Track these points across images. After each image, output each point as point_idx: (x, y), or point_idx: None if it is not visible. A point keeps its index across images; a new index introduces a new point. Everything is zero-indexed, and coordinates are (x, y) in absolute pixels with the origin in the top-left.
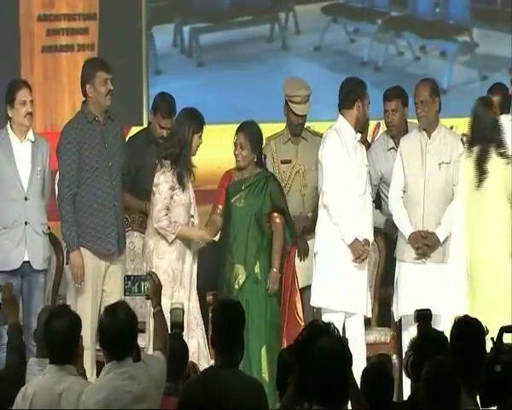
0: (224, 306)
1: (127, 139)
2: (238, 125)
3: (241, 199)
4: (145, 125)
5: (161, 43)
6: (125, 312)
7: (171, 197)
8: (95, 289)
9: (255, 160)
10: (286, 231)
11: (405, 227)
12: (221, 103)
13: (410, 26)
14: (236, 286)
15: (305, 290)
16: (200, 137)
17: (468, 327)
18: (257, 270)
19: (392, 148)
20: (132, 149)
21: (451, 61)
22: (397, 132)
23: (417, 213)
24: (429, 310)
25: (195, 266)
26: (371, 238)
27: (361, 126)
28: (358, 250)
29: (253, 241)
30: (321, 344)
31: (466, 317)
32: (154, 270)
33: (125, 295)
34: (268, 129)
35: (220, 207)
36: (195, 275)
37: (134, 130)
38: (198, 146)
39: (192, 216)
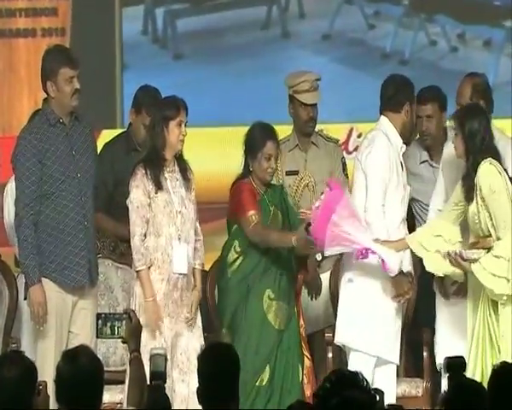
0: (212, 349)
1: (102, 147)
2: (269, 130)
3: (273, 219)
4: (119, 129)
5: (129, 30)
6: (89, 358)
7: (149, 205)
8: (59, 330)
9: None
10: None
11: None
12: (203, 106)
13: (446, 8)
14: (276, 326)
15: (317, 333)
16: (180, 125)
17: (510, 376)
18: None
19: (426, 161)
20: (109, 158)
21: (497, 52)
22: (433, 142)
23: None
24: (462, 357)
25: (190, 295)
26: (412, 271)
27: (407, 137)
28: (403, 286)
29: (290, 272)
30: (347, 398)
31: (506, 364)
32: (137, 307)
33: (97, 337)
34: None
35: (255, 212)
36: (190, 306)
37: (106, 134)
38: (179, 137)
39: (196, 234)
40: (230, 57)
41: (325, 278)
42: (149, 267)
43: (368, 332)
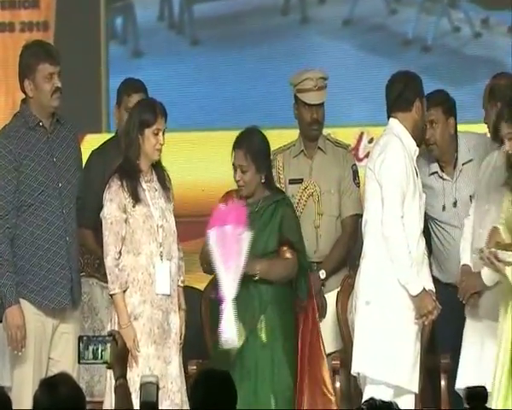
0: (207, 378)
1: (90, 154)
2: (236, 138)
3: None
4: (105, 133)
5: (145, 16)
6: (69, 387)
7: (126, 221)
8: (38, 356)
9: (263, 181)
10: (299, 281)
11: (463, 258)
12: (220, 96)
13: None
14: (234, 352)
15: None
16: (157, 133)
17: None
18: (261, 327)
19: (436, 172)
20: (99, 167)
21: None
22: (439, 153)
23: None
24: (484, 387)
25: (177, 317)
26: (434, 289)
27: (420, 135)
28: (427, 306)
29: (256, 294)
30: None
31: None
32: (115, 327)
33: (79, 362)
34: (285, 136)
35: None
36: (177, 328)
37: (90, 139)
38: (155, 146)
39: (179, 249)
40: (248, 43)
41: (331, 297)
42: (125, 291)
43: (388, 360)
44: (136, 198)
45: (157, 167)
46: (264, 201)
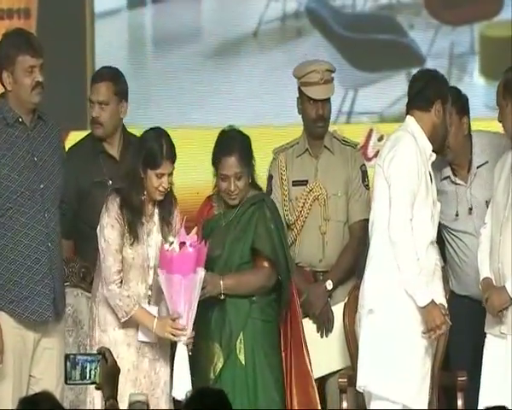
0: (201, 397)
1: (67, 152)
2: (222, 145)
3: (217, 243)
4: (89, 129)
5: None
6: (50, 407)
7: (121, 251)
8: (18, 374)
9: (250, 181)
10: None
11: (483, 270)
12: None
13: None
14: (212, 375)
15: (330, 377)
16: (161, 177)
17: None
18: (240, 347)
19: (448, 177)
20: (72, 167)
21: None
22: (453, 156)
23: (495, 260)
24: (504, 407)
25: (166, 365)
26: (446, 304)
27: (439, 142)
28: (435, 320)
29: (233, 306)
30: None
31: None
32: (95, 348)
33: (66, 383)
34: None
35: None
36: (167, 377)
37: (75, 136)
38: (158, 188)
39: None
40: None
41: (339, 310)
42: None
43: (392, 375)
44: (135, 237)
45: (163, 201)
46: (242, 205)
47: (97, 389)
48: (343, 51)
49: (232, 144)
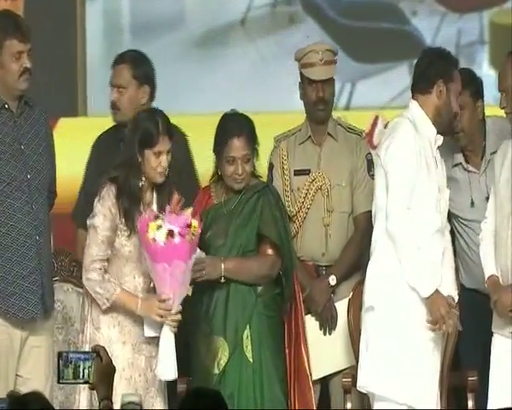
0: (196, 397)
1: (92, 146)
2: (230, 126)
3: (219, 232)
4: (82, 116)
5: None
6: (40, 407)
7: (112, 243)
8: (4, 373)
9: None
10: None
11: (488, 267)
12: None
13: None
14: (216, 370)
15: (333, 376)
16: (159, 155)
17: None
18: (247, 344)
19: (460, 164)
20: (94, 158)
21: None
22: (466, 140)
23: (501, 256)
24: None
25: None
26: (456, 296)
27: (444, 124)
28: (440, 309)
29: (238, 298)
30: None
31: None
32: (87, 345)
33: (58, 382)
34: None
35: None
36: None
37: (65, 123)
38: (157, 169)
39: None
40: None
41: (342, 306)
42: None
43: (396, 374)
44: (131, 228)
45: (162, 187)
46: (245, 193)
47: (91, 388)
48: (340, 41)
49: (241, 125)
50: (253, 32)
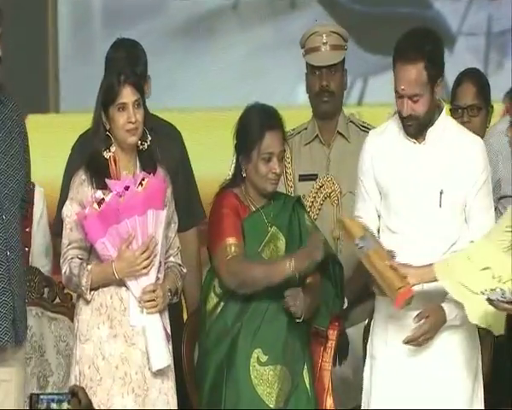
0: None
1: (72, 147)
2: (266, 119)
3: (270, 244)
4: (53, 113)
5: None
6: None
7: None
8: None
9: None
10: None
11: None
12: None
13: None
14: (273, 404)
15: None
16: (124, 109)
17: None
18: (306, 373)
19: None
20: (75, 159)
21: None
22: None
23: None
24: None
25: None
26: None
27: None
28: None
29: (292, 327)
30: None
31: None
32: (77, 367)
33: None
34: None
35: (235, 241)
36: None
37: (34, 119)
38: (125, 127)
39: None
40: None
41: (356, 333)
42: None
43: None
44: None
45: (144, 156)
46: (276, 199)
47: None
48: (349, 29)
49: (277, 118)
50: (247, 19)
